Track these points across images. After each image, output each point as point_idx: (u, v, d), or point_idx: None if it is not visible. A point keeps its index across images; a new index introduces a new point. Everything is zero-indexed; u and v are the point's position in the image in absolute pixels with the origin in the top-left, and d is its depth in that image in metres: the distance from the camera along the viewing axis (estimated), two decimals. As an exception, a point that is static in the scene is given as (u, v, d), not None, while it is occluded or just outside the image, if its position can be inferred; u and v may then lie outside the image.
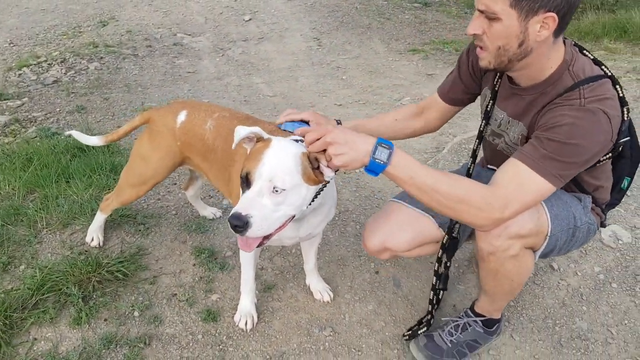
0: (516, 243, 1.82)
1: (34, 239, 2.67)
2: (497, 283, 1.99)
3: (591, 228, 2.05)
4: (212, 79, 6.09)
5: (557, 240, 1.94)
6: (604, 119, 1.68)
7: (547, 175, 1.68)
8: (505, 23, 1.67)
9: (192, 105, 2.32)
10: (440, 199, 1.69)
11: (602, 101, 1.70)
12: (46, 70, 6.11)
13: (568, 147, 1.67)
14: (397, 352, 2.25)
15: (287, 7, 8.91)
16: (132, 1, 9.25)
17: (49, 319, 2.22)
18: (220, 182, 2.23)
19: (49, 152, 3.41)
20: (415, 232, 2.12)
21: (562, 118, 1.69)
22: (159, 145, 2.30)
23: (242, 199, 1.60)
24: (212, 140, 2.17)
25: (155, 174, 2.37)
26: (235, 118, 2.19)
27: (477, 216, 1.71)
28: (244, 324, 2.27)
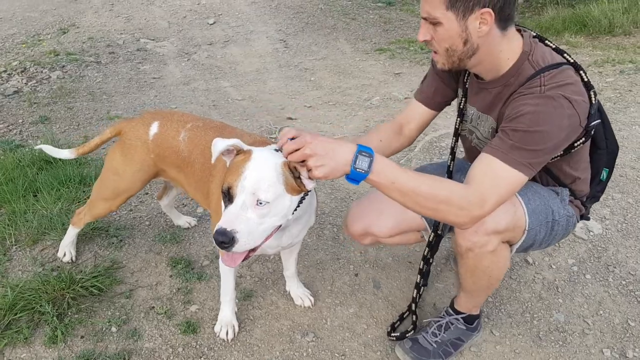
0: (493, 239, 1.84)
1: (3, 257, 2.58)
2: (476, 279, 2.01)
3: (570, 220, 2.07)
4: (179, 84, 6.01)
5: (537, 235, 1.96)
6: (565, 103, 1.71)
7: (517, 166, 1.71)
8: (446, 26, 1.74)
9: (164, 115, 2.27)
10: (422, 201, 1.70)
11: (562, 87, 1.72)
12: (6, 81, 5.94)
13: (533, 135, 1.70)
14: (380, 354, 2.24)
15: (252, 9, 8.87)
16: (93, 7, 9.09)
17: (23, 339, 2.15)
18: (200, 195, 2.19)
19: (14, 165, 3.31)
20: (399, 219, 2.14)
21: (524, 107, 1.72)
22: (132, 159, 2.24)
23: (226, 213, 1.57)
24: (187, 152, 2.13)
25: (129, 187, 2.31)
26: (210, 128, 2.16)
27: (459, 215, 1.72)
28: (224, 334, 2.24)
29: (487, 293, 2.16)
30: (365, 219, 2.16)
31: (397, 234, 2.19)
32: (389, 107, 5.02)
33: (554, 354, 2.28)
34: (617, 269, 2.73)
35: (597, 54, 5.97)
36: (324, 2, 9.11)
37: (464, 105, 2.13)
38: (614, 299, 2.56)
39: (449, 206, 1.70)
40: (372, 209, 2.17)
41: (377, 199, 2.17)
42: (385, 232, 2.16)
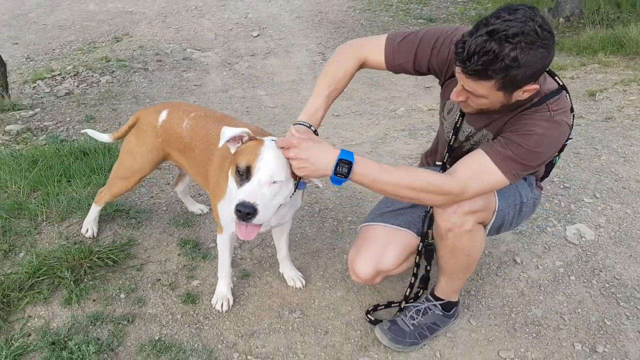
0: (470, 218, 2.03)
1: (34, 230, 2.92)
2: (456, 259, 2.18)
3: (536, 202, 2.33)
4: (218, 91, 6.34)
5: (506, 216, 2.16)
6: (565, 129, 1.94)
7: (507, 173, 1.90)
8: (490, 99, 1.85)
9: (173, 105, 2.57)
10: (403, 192, 1.90)
11: (565, 113, 1.94)
12: (59, 83, 6.43)
13: (533, 154, 1.90)
14: (359, 333, 2.43)
15: (295, 23, 9.19)
16: (147, 18, 9.63)
17: (43, 299, 2.46)
18: (200, 178, 2.46)
19: (53, 154, 3.68)
20: (400, 247, 2.29)
21: (535, 128, 1.89)
22: (144, 142, 2.55)
23: (246, 189, 1.80)
24: (189, 138, 2.41)
25: (141, 167, 2.61)
26: (211, 117, 2.43)
27: (437, 200, 1.95)
28: (220, 306, 2.48)
29: (465, 275, 2.32)
30: (371, 260, 2.25)
31: (403, 262, 2.33)
32: (412, 117, 5.20)
33: (526, 344, 2.40)
34: (603, 272, 2.83)
35: (628, 73, 5.97)
36: (365, 18, 9.35)
37: (460, 124, 2.22)
38: (595, 300, 2.66)
39: (428, 194, 1.90)
40: (374, 248, 2.28)
41: (372, 236, 2.32)
42: (393, 264, 2.28)
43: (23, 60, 7.61)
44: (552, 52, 1.74)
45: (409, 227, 2.31)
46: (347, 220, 3.20)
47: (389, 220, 2.34)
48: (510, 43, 1.66)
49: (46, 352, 2.19)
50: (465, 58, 1.73)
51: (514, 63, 1.68)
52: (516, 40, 1.65)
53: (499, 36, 1.66)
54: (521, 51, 1.66)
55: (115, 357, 2.22)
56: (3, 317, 2.35)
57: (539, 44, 1.67)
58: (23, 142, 4.73)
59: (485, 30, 1.68)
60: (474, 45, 1.70)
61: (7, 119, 5.31)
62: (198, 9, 10.32)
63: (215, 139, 2.26)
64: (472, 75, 1.76)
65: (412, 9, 9.62)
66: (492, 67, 1.70)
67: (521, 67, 1.69)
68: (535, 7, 1.72)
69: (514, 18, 1.67)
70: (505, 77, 1.72)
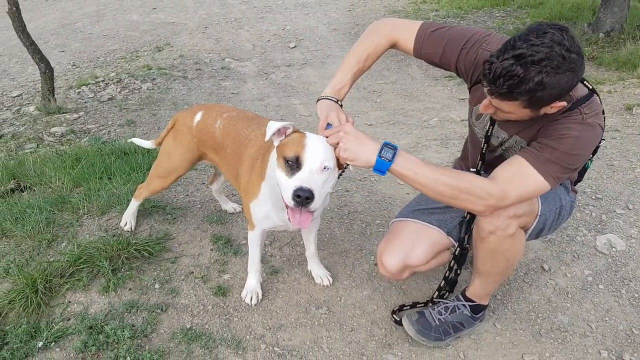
0: (513, 222, 2.04)
1: (76, 223, 3.07)
2: (495, 262, 2.18)
3: (573, 205, 2.32)
4: (254, 99, 6.49)
5: (547, 220, 2.17)
6: (598, 130, 1.95)
7: (547, 176, 1.90)
8: (518, 114, 1.91)
9: (208, 107, 2.69)
10: (444, 190, 1.92)
11: (597, 115, 1.95)
12: (103, 89, 6.68)
13: (570, 157, 1.91)
14: (384, 331, 2.48)
15: (332, 35, 9.32)
16: (188, 29, 9.90)
17: (82, 286, 2.58)
18: (231, 177, 2.56)
19: (96, 153, 3.86)
20: (429, 244, 2.33)
21: (569, 131, 1.91)
22: (180, 142, 2.67)
23: (300, 176, 1.86)
24: (221, 138, 2.52)
25: (177, 167, 2.73)
26: (242, 118, 2.53)
27: (477, 204, 1.93)
28: (249, 300, 2.56)
29: (500, 280, 2.32)
30: (400, 254, 2.29)
31: (431, 259, 2.36)
32: (444, 128, 5.23)
33: (551, 349, 2.41)
34: (632, 282, 2.81)
35: (667, 88, 5.91)
36: (402, 32, 9.41)
37: (491, 131, 2.26)
38: (623, 309, 2.64)
39: (469, 195, 1.91)
40: (403, 243, 2.33)
41: (402, 231, 2.37)
42: (422, 260, 2.31)
43: (69, 67, 7.92)
44: (579, 73, 1.77)
45: (440, 225, 2.35)
46: (375, 224, 3.25)
47: (421, 217, 2.38)
48: (536, 68, 1.70)
49: (84, 335, 2.30)
50: (492, 80, 1.78)
51: (539, 86, 1.72)
52: (542, 65, 1.69)
53: (525, 61, 1.70)
54: (547, 75, 1.70)
55: (148, 343, 2.32)
56: (45, 301, 2.47)
57: (565, 67, 1.71)
58: (67, 143, 4.94)
59: (512, 54, 1.72)
60: (500, 68, 1.74)
61: (52, 121, 5.55)
62: (237, 20, 10.57)
63: (245, 139, 2.37)
64: (497, 96, 1.82)
65: (449, 23, 9.64)
66: (518, 90, 1.75)
67: (546, 89, 1.73)
68: (565, 29, 1.74)
69: (540, 43, 1.70)
70: (530, 98, 1.77)
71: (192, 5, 12.18)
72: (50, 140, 5.06)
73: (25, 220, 2.99)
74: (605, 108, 2.36)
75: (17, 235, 2.90)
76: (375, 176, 3.90)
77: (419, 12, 10.49)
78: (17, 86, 7.20)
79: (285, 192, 1.89)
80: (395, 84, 7.04)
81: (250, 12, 11.35)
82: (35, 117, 5.71)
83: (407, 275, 2.37)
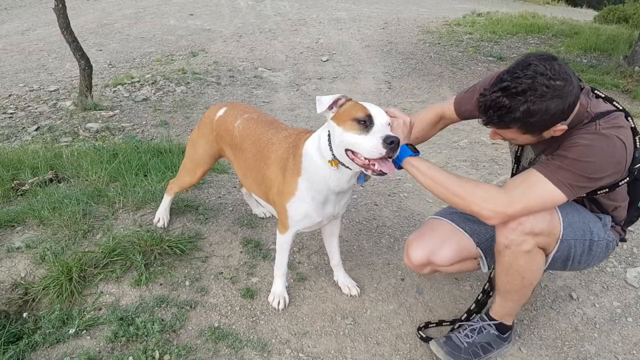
0: (529, 239, 2.05)
1: (111, 216, 3.13)
2: (510, 278, 2.19)
3: (610, 244, 2.26)
4: (285, 109, 6.55)
5: (571, 248, 2.14)
6: (619, 143, 1.93)
7: (557, 183, 1.93)
8: (521, 140, 2.05)
9: (232, 105, 2.80)
10: (452, 188, 2.04)
11: (616, 128, 1.95)
12: (138, 89, 6.81)
13: (580, 163, 1.92)
14: (409, 346, 2.48)
15: (364, 51, 9.39)
16: (222, 37, 10.05)
17: (115, 277, 2.63)
18: (250, 181, 2.59)
19: (132, 150, 3.93)
20: (458, 248, 2.38)
21: (579, 139, 1.94)
22: (203, 133, 2.80)
23: (378, 129, 2.00)
24: (239, 138, 2.59)
25: (201, 160, 2.84)
26: (262, 121, 2.61)
27: (482, 207, 1.99)
28: (276, 304, 2.59)
29: (520, 300, 2.31)
30: (427, 249, 2.37)
31: (455, 263, 2.41)
32: (474, 150, 5.23)
33: (576, 378, 2.40)
34: (662, 317, 2.79)
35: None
36: (435, 51, 9.45)
37: (520, 153, 2.38)
38: (651, 344, 2.62)
39: (475, 197, 2.00)
40: (432, 238, 2.40)
41: (436, 228, 2.43)
42: (446, 261, 2.38)
43: (105, 66, 8.09)
44: (569, 97, 1.86)
45: (472, 234, 2.37)
46: (403, 239, 3.27)
47: (457, 221, 2.41)
48: (521, 98, 1.85)
49: (115, 325, 2.35)
50: (484, 112, 1.96)
51: (527, 114, 1.86)
52: (527, 95, 1.84)
53: (509, 92, 1.86)
54: (532, 103, 1.84)
55: (176, 338, 2.36)
56: (78, 290, 2.53)
57: (551, 95, 1.83)
58: (102, 139, 5.04)
59: (499, 87, 1.89)
60: (489, 100, 1.92)
61: (88, 117, 5.68)
62: (272, 31, 10.70)
63: (267, 143, 2.46)
64: (491, 125, 1.99)
65: (482, 46, 9.66)
66: (507, 119, 1.91)
67: (536, 116, 1.86)
68: (550, 58, 1.87)
69: (523, 75, 1.85)
70: (523, 125, 1.91)
71: (228, 14, 12.37)
72: (85, 135, 5.18)
73: (62, 210, 3.06)
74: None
75: (54, 224, 2.97)
76: (405, 192, 3.92)
77: (452, 34, 10.53)
78: (54, 81, 7.38)
79: (367, 145, 1.98)
80: (426, 103, 7.06)
81: (285, 24, 11.49)
82: (71, 112, 5.84)
83: (428, 271, 2.44)
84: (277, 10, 13.18)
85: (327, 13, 12.90)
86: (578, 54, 9.35)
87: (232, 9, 13.01)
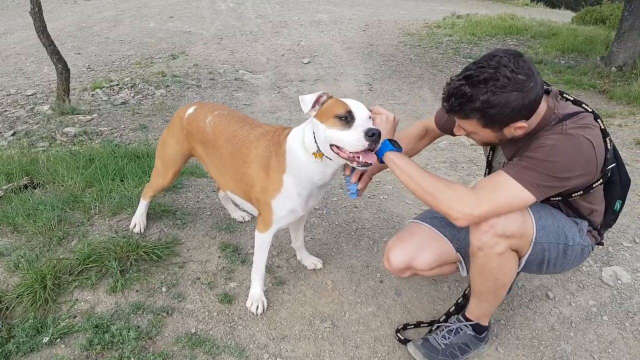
0: (502, 242, 2.05)
1: (87, 222, 3.09)
2: (484, 280, 2.21)
3: (585, 249, 2.26)
4: (266, 112, 6.54)
5: (546, 252, 2.15)
6: (585, 143, 1.93)
7: (524, 183, 1.94)
8: (481, 135, 2.07)
9: (202, 103, 2.81)
10: (424, 186, 2.05)
11: (583, 128, 1.96)
12: (117, 93, 6.76)
13: (547, 163, 1.93)
14: (387, 348, 2.48)
15: (346, 53, 9.41)
16: (203, 39, 10.01)
17: (91, 284, 2.60)
18: (227, 178, 2.58)
19: (109, 155, 3.89)
20: (438, 253, 2.38)
21: (545, 140, 1.96)
22: (173, 133, 2.80)
23: (360, 123, 2.06)
24: (212, 135, 2.57)
25: (172, 160, 2.83)
26: (234, 118, 2.61)
27: (451, 208, 2.00)
28: (255, 309, 2.57)
29: (493, 301, 2.33)
30: (407, 254, 2.37)
31: (435, 267, 2.41)
32: (453, 151, 5.26)
33: (553, 377, 2.42)
34: (637, 316, 2.81)
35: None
36: (415, 53, 9.50)
37: (492, 157, 2.41)
38: (627, 342, 2.64)
39: (444, 197, 2.01)
40: (412, 242, 2.41)
41: (416, 233, 2.43)
42: (426, 266, 2.38)
43: (84, 69, 8.02)
44: (530, 92, 1.88)
45: (452, 240, 2.38)
46: (382, 241, 3.27)
47: (437, 225, 2.42)
48: (483, 87, 1.87)
49: (90, 333, 2.32)
50: (446, 99, 1.99)
51: (486, 104, 1.88)
52: (488, 85, 1.87)
53: (472, 81, 1.89)
54: (492, 94, 1.86)
55: (153, 345, 2.33)
56: (53, 297, 2.49)
57: (511, 87, 1.86)
58: (79, 144, 4.99)
59: (463, 75, 1.93)
60: (452, 88, 1.96)
61: (66, 121, 5.62)
62: (253, 34, 10.68)
63: (244, 141, 2.45)
64: (453, 113, 2.02)
65: (461, 48, 9.73)
66: (467, 108, 1.93)
67: (495, 108, 1.89)
68: (516, 54, 1.91)
69: (487, 65, 1.89)
70: (483, 116, 1.93)
71: (208, 16, 12.33)
72: (62, 140, 5.12)
73: (37, 216, 3.02)
74: (616, 142, 2.38)
75: (29, 231, 2.93)
76: (384, 194, 3.93)
77: (432, 37, 10.60)
78: (32, 85, 7.29)
79: (350, 139, 2.04)
80: (406, 105, 7.10)
81: (266, 26, 11.48)
82: (49, 116, 5.77)
83: (408, 275, 2.43)
84: (258, 12, 13.17)
85: (308, 15, 12.91)
86: (556, 55, 9.45)
87: (213, 11, 12.96)
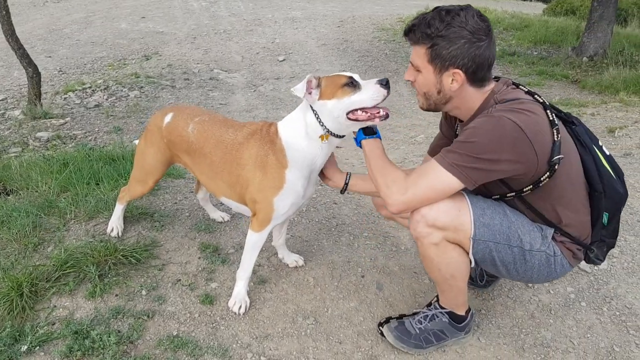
0: (435, 232, 2.07)
1: (63, 227, 3.05)
2: (430, 269, 2.25)
3: (551, 259, 2.13)
4: (242, 111, 6.51)
5: (493, 252, 2.10)
6: (508, 124, 1.87)
7: (446, 166, 1.95)
8: (425, 75, 2.09)
9: (179, 109, 2.75)
10: (374, 171, 2.14)
11: (512, 112, 1.91)
12: (90, 96, 6.66)
13: (466, 144, 1.93)
14: (370, 342, 2.49)
15: (321, 50, 9.41)
16: (177, 39, 9.92)
17: (69, 290, 2.56)
18: (221, 184, 2.53)
19: (83, 159, 3.84)
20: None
21: (472, 124, 2.00)
22: (152, 142, 2.73)
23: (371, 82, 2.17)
24: (198, 143, 2.54)
25: (152, 168, 2.78)
26: (215, 122, 2.58)
27: (385, 193, 2.08)
28: (237, 308, 2.56)
29: (450, 291, 2.34)
30: None
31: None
32: (430, 145, 5.29)
33: (534, 364, 2.44)
34: (614, 301, 2.86)
35: (647, 112, 6.05)
36: (390, 48, 9.55)
37: None
38: (605, 326, 2.69)
39: (384, 182, 2.08)
40: None
41: None
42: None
43: (55, 72, 7.89)
44: (480, 48, 1.97)
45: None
46: (362, 236, 3.28)
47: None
48: (443, 17, 1.98)
49: (69, 340, 2.28)
50: (409, 25, 2.10)
51: (437, 32, 1.98)
52: (450, 16, 1.97)
53: (437, 10, 2.02)
54: (448, 26, 1.96)
55: (134, 349, 2.31)
56: (30, 305, 2.45)
57: (467, 30, 1.95)
58: (53, 148, 4.92)
59: (437, 9, 2.05)
60: (421, 16, 2.08)
61: (38, 126, 5.52)
62: (227, 32, 10.62)
63: (233, 143, 2.44)
64: (409, 36, 2.09)
65: (435, 42, 9.78)
66: (421, 30, 2.02)
67: (444, 39, 1.97)
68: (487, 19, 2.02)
69: (458, 7, 2.00)
70: (431, 47, 2.00)
71: (181, 16, 12.22)
72: (35, 145, 5.03)
73: (11, 223, 2.97)
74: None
75: (3, 239, 2.88)
76: (363, 190, 3.94)
77: (406, 31, 10.63)
78: (2, 90, 7.16)
79: (368, 94, 2.15)
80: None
81: (240, 24, 11.42)
82: (20, 121, 5.67)
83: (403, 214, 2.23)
84: (231, 10, 13.10)
85: (282, 12, 12.87)
86: (529, 47, 9.56)
87: (185, 11, 12.86)
